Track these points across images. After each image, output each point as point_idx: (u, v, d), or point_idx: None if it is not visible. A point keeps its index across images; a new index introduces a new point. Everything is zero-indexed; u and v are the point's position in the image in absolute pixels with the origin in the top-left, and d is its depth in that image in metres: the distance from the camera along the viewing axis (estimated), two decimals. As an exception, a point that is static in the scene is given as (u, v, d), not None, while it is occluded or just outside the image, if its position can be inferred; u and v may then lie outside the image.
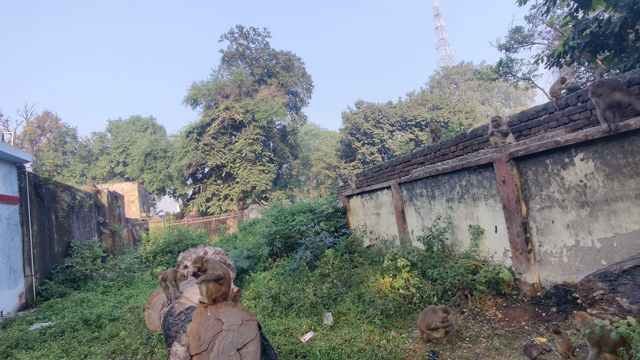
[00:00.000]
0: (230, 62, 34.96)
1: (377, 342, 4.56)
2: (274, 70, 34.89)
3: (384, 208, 9.15)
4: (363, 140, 36.17)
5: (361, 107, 38.19)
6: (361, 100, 38.97)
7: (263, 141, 32.88)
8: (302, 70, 36.90)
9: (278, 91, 33.36)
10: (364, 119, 36.55)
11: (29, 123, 38.95)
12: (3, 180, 8.90)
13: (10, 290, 8.60)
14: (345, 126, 37.63)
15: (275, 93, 32.75)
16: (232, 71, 33.35)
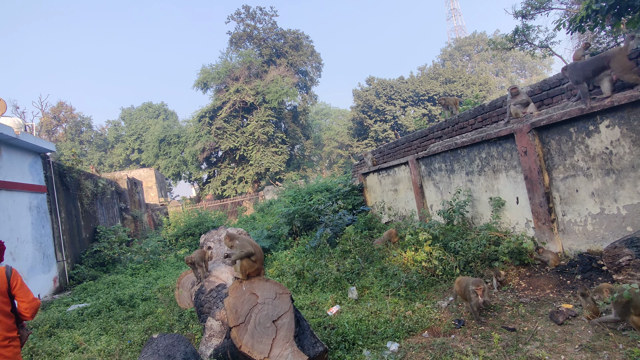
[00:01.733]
0: (238, 43, 34.65)
1: (402, 313, 4.69)
2: (282, 50, 34.48)
3: (402, 184, 9.17)
4: (375, 118, 35.83)
5: (372, 83, 37.65)
6: (372, 76, 38.40)
7: (275, 122, 32.87)
8: (310, 48, 36.37)
9: (287, 71, 33.06)
10: (375, 96, 36.09)
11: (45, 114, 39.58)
12: (30, 170, 9.18)
13: (44, 275, 9.00)
14: (357, 104, 37.25)
15: (285, 73, 32.47)
16: (240, 53, 33.10)
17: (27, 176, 8.98)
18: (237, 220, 20.43)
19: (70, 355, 4.92)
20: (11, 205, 8.15)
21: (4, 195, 7.94)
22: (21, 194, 8.61)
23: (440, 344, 3.79)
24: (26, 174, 8.98)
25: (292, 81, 32.64)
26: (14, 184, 8.30)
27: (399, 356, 3.76)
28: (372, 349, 4.01)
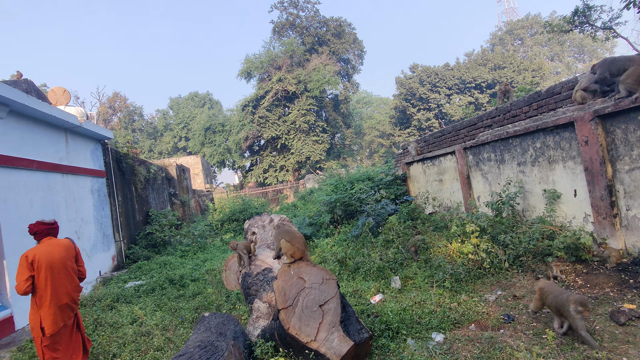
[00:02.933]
0: (281, 32, 34.89)
1: (447, 305, 4.62)
2: (324, 38, 34.31)
3: (447, 174, 8.92)
4: (418, 106, 34.90)
5: (416, 71, 36.62)
6: (416, 63, 37.33)
7: (316, 111, 32.98)
8: (353, 36, 35.90)
9: (329, 59, 32.91)
10: (419, 84, 35.09)
11: (102, 104, 42.17)
12: (91, 156, 9.87)
13: (104, 253, 9.71)
14: (400, 92, 36.42)
15: (327, 61, 32.35)
16: (283, 42, 33.33)
17: (89, 161, 9.67)
18: (278, 207, 20.86)
19: (130, 327, 5.30)
20: (76, 189, 8.82)
21: (70, 179, 8.61)
22: (84, 178, 9.29)
23: (488, 337, 3.70)
24: (88, 159, 9.67)
25: (334, 69, 32.46)
26: (78, 168, 8.97)
27: (444, 347, 3.71)
28: (417, 338, 3.99)
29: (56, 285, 3.87)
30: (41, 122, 7.81)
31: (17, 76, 13.41)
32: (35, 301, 3.85)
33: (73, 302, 4.04)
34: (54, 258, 3.93)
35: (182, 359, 3.01)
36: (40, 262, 3.85)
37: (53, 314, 3.82)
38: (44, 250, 3.93)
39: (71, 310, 4.03)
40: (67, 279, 3.97)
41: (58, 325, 3.85)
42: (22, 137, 7.16)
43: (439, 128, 34.15)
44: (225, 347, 3.32)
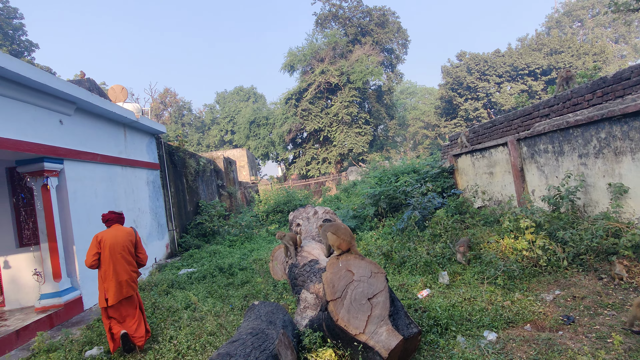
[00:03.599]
0: (324, 24, 34.76)
1: (500, 303, 4.45)
2: (367, 28, 33.75)
3: (499, 166, 8.53)
4: (466, 95, 33.52)
5: (463, 58, 35.11)
6: (463, 51, 35.78)
7: (358, 103, 32.66)
8: (397, 25, 35.00)
9: (372, 50, 32.37)
10: (466, 72, 33.65)
11: (154, 100, 44.44)
12: (147, 149, 10.46)
13: (159, 241, 10.31)
14: (446, 81, 35.15)
15: (370, 52, 31.85)
16: (325, 34, 33.21)
17: (144, 155, 10.26)
18: (321, 199, 21.01)
19: (185, 312, 5.60)
20: (134, 180, 9.41)
21: (129, 171, 9.20)
22: (140, 170, 9.88)
23: (545, 339, 3.53)
24: (144, 152, 10.25)
25: (377, 60, 31.91)
26: (135, 161, 9.55)
27: (497, 347, 3.59)
28: (467, 336, 3.89)
29: (116, 264, 4.58)
30: (103, 118, 8.37)
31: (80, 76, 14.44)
32: (101, 275, 4.58)
33: (131, 280, 4.68)
34: (117, 241, 4.64)
35: (235, 344, 3.14)
36: (106, 242, 4.59)
37: (115, 287, 4.52)
38: (111, 234, 4.68)
39: (130, 288, 4.66)
40: (125, 259, 4.65)
41: (119, 298, 4.54)
42: (87, 132, 7.72)
43: (487, 118, 32.64)
44: (276, 335, 3.41)
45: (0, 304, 6.93)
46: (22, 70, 5.52)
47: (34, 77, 5.74)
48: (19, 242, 6.98)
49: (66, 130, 6.99)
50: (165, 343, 4.59)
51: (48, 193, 6.45)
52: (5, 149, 5.50)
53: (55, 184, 6.61)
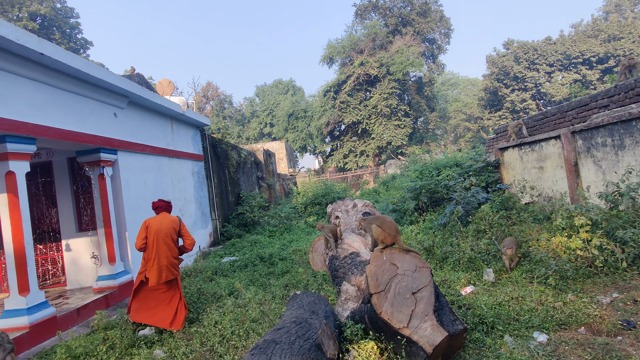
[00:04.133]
0: (364, 15, 34.27)
1: (551, 304, 4.24)
2: (408, 18, 32.89)
3: (549, 161, 8.09)
4: (512, 86, 31.98)
5: (511, 47, 33.46)
6: (511, 39, 34.10)
7: (398, 95, 32.05)
8: (439, 14, 33.85)
9: (413, 40, 31.54)
10: (514, 61, 32.05)
11: (197, 93, 45.93)
12: (192, 141, 10.86)
13: (203, 230, 10.71)
14: (491, 71, 33.69)
15: (411, 43, 31.06)
16: (365, 25, 32.76)
17: (190, 146, 10.66)
18: (358, 192, 20.92)
19: (229, 298, 5.81)
20: (180, 171, 9.82)
21: (175, 162, 9.61)
22: (186, 162, 10.29)
23: (602, 344, 3.33)
24: (189, 144, 10.65)
25: (418, 50, 31.07)
26: (181, 152, 9.96)
27: (548, 349, 3.43)
28: (515, 336, 3.75)
29: (159, 248, 4.91)
30: (152, 111, 8.77)
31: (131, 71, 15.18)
32: (144, 257, 4.96)
33: (172, 265, 4.98)
34: (162, 227, 4.99)
35: (280, 332, 3.21)
36: (152, 228, 4.95)
37: (156, 270, 4.87)
38: (158, 220, 5.04)
39: (170, 272, 4.96)
40: (167, 245, 4.97)
41: (159, 281, 4.88)
42: (138, 124, 8.13)
43: (536, 110, 30.96)
44: (319, 325, 3.46)
45: (62, 283, 7.51)
46: (83, 66, 5.88)
47: (92, 73, 6.11)
48: (78, 227, 7.52)
49: (119, 123, 7.40)
50: (210, 327, 4.78)
51: (104, 182, 6.88)
52: (68, 140, 5.90)
53: (110, 173, 7.03)
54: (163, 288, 4.98)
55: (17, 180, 5.09)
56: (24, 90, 5.24)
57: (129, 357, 4.31)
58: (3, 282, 7.48)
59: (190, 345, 4.34)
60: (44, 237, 7.63)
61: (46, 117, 5.54)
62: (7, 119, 4.87)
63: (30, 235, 5.23)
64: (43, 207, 7.67)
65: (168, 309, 4.92)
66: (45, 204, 7.67)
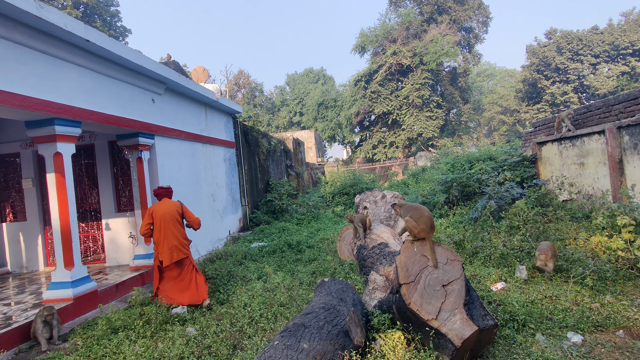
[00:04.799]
0: (398, 3, 33.47)
1: (587, 304, 4.10)
2: (445, 6, 31.84)
3: (591, 157, 7.72)
4: (553, 78, 30.51)
5: (553, 37, 31.81)
6: (553, 28, 32.39)
7: (431, 86, 31.28)
8: (478, 1, 32.53)
9: (449, 29, 30.54)
10: (556, 52, 30.50)
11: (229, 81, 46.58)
12: (225, 128, 11.07)
13: (233, 215, 10.98)
14: (531, 62, 32.23)
15: (446, 31, 30.10)
16: (399, 13, 32.02)
17: (222, 133, 10.88)
18: (387, 184, 20.74)
19: (257, 282, 5.96)
20: (213, 157, 10.06)
21: (208, 148, 9.85)
22: (219, 148, 10.52)
23: (642, 348, 3.20)
24: (222, 131, 10.88)
25: (454, 40, 30.08)
26: (214, 139, 10.19)
27: (582, 350, 3.33)
28: (548, 335, 3.66)
29: (166, 231, 5.30)
30: (187, 98, 8.99)
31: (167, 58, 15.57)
32: (154, 241, 5.37)
33: (181, 245, 5.36)
34: (166, 212, 5.37)
35: (309, 316, 3.28)
36: (157, 213, 5.35)
37: (167, 251, 5.25)
38: (160, 206, 5.43)
39: (180, 252, 5.32)
40: (174, 227, 5.36)
41: (171, 260, 5.24)
42: (175, 110, 8.36)
43: (577, 104, 29.45)
44: (347, 312, 3.51)
45: (102, 260, 7.93)
46: (125, 52, 6.10)
47: (133, 59, 6.32)
48: (117, 208, 7.88)
49: (157, 108, 7.64)
50: (240, 309, 4.94)
51: (141, 165, 7.16)
52: (110, 124, 6.17)
53: (147, 157, 7.30)
54: (179, 269, 5.36)
55: (64, 161, 5.39)
56: (71, 75, 5.50)
57: (163, 332, 4.52)
58: (50, 257, 7.99)
59: (221, 324, 4.50)
60: (86, 216, 8.06)
61: (91, 101, 5.81)
62: (56, 102, 5.14)
63: (75, 213, 5.54)
64: (85, 188, 8.08)
65: (191, 287, 5.33)
66: (88, 185, 8.08)
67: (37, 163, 7.99)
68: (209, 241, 9.16)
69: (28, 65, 4.82)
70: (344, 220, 11.80)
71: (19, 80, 4.67)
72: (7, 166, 8.18)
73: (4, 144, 7.95)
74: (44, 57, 5.06)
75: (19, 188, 8.11)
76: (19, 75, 4.67)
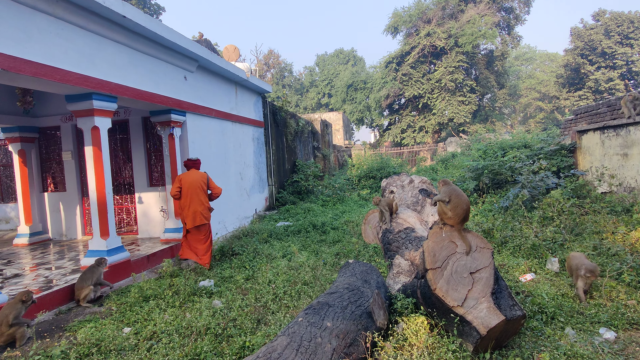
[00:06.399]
0: (435, -19, 32.08)
1: (623, 301, 3.94)
2: (485, -16, 30.26)
3: (637, 148, 7.27)
4: (599, 63, 28.73)
5: (602, 18, 29.78)
6: (602, 9, 30.28)
7: (465, 69, 30.12)
8: (521, -22, 30.72)
9: (488, 9, 29.07)
10: (603, 35, 28.60)
11: (259, 61, 46.57)
12: (254, 107, 11.13)
13: (260, 194, 11.13)
14: (575, 45, 30.40)
15: (485, 11, 28.68)
16: (436, -9, 30.71)
17: (251, 112, 10.95)
18: (415, 169, 20.42)
19: (282, 260, 6.06)
20: (241, 135, 10.17)
21: (238, 127, 9.95)
22: (247, 127, 10.61)
23: (681, 349, 3.05)
24: (251, 110, 10.94)
25: (492, 21, 28.63)
26: (243, 118, 10.27)
27: (615, 347, 3.22)
28: (578, 330, 3.55)
29: (192, 198, 5.98)
30: (218, 76, 9.05)
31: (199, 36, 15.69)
32: (181, 205, 6.07)
33: (204, 210, 6.07)
34: (193, 180, 6.04)
35: (333, 296, 3.31)
36: (185, 181, 6.02)
37: (191, 215, 5.97)
38: (189, 174, 6.10)
39: (202, 217, 6.03)
40: (199, 195, 6.03)
41: (194, 224, 5.96)
42: (206, 88, 8.46)
43: (624, 91, 27.66)
44: (370, 294, 3.51)
45: (135, 232, 8.27)
46: (160, 29, 6.17)
47: (167, 37, 6.39)
48: (149, 182, 8.14)
49: (189, 86, 7.74)
50: (264, 285, 5.05)
51: (173, 141, 7.33)
52: (144, 100, 6.31)
53: (178, 134, 7.46)
54: (199, 232, 6.07)
55: (101, 135, 5.59)
56: (108, 51, 5.63)
57: (191, 303, 4.70)
58: (87, 226, 8.41)
59: (246, 299, 4.63)
60: (120, 189, 8.38)
61: (126, 77, 5.94)
62: (94, 77, 5.29)
63: (111, 185, 5.77)
64: (120, 162, 8.38)
65: (201, 248, 6.10)
66: (122, 159, 8.37)
67: (76, 136, 8.33)
68: (236, 218, 9.36)
69: (69, 41, 4.96)
70: (369, 204, 11.74)
71: (61, 55, 4.83)
72: (49, 139, 8.57)
73: (46, 117, 8.31)
74: (84, 32, 5.20)
75: (59, 160, 8.50)
76: (60, 50, 4.83)
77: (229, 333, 3.75)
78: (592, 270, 3.92)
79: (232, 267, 6.07)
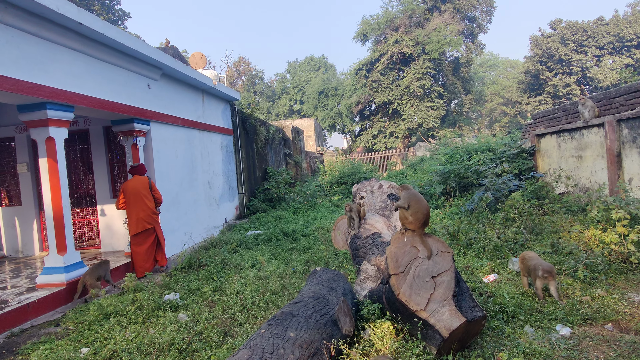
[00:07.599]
0: (402, -11, 32.93)
1: (577, 297, 4.11)
2: (449, -6, 31.36)
3: (590, 150, 7.67)
4: (556, 70, 30.24)
5: (558, 27, 31.43)
6: (558, 19, 31.97)
7: (433, 75, 30.98)
8: (482, -11, 32.03)
9: (452, 18, 30.13)
10: (560, 43, 30.17)
11: (229, 68, 46.18)
12: (222, 115, 10.98)
13: (230, 203, 10.96)
14: (534, 53, 31.90)
15: (450, 20, 29.70)
16: (402, 0, 31.53)
17: (219, 120, 10.80)
18: (385, 174, 20.71)
19: (251, 270, 5.97)
20: (209, 144, 10.00)
21: (205, 135, 9.78)
22: (216, 135, 10.45)
23: (630, 342, 3.21)
24: (219, 118, 10.79)
25: (457, 29, 29.69)
26: (211, 126, 10.11)
27: (570, 343, 3.34)
28: (536, 327, 3.67)
29: (135, 204, 6.27)
30: (184, 84, 8.89)
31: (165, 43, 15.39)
32: (127, 214, 6.35)
33: (147, 216, 6.36)
34: (134, 186, 6.32)
35: (298, 305, 3.28)
36: (128, 188, 6.30)
37: (135, 222, 6.29)
38: (131, 181, 6.38)
39: (147, 222, 6.34)
40: (141, 201, 6.31)
41: (137, 230, 6.27)
42: (170, 96, 8.28)
43: (580, 96, 29.22)
44: (336, 302, 3.50)
45: (97, 246, 7.94)
46: (118, 36, 6.00)
47: (127, 44, 6.22)
48: (112, 194, 7.86)
49: (153, 94, 7.55)
50: (232, 296, 4.94)
51: (137, 151, 7.10)
52: (103, 109, 6.10)
53: (142, 144, 7.24)
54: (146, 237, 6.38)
55: (57, 145, 5.34)
56: (63, 59, 5.42)
57: (155, 318, 4.54)
58: (45, 241, 8.00)
59: (213, 311, 4.52)
60: (81, 202, 8.04)
61: (83, 86, 5.73)
62: (48, 86, 5.07)
63: (68, 198, 5.51)
64: (80, 173, 8.05)
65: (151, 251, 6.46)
66: (83, 170, 8.04)
67: (31, 148, 7.94)
68: (204, 229, 9.16)
69: (20, 48, 4.74)
70: (341, 210, 11.79)
71: (10, 63, 4.60)
72: (2, 150, 8.14)
73: (-1, 128, 7.90)
74: (36, 40, 4.98)
75: (14, 172, 8.08)
76: (10, 58, 4.60)
77: (194, 348, 3.65)
78: (549, 271, 4.06)
79: (199, 278, 5.91)
